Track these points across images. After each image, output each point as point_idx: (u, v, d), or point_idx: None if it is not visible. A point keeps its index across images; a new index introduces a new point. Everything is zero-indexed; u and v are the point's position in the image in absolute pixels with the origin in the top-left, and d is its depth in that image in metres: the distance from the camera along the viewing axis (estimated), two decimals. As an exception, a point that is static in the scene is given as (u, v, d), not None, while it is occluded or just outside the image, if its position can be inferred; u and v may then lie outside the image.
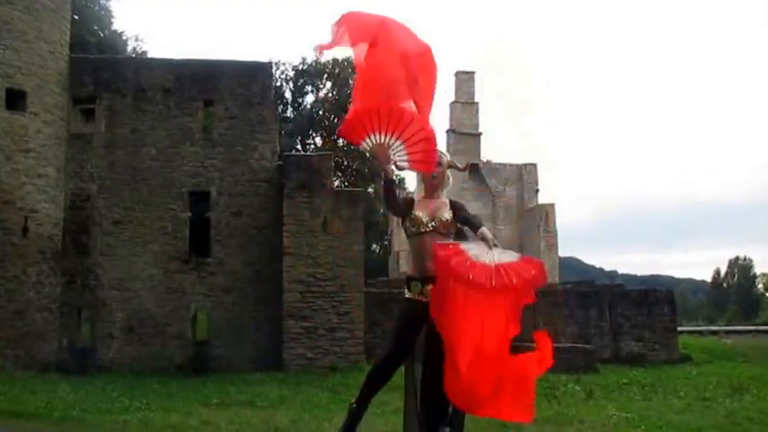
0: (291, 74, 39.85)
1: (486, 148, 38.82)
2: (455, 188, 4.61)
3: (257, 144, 19.41)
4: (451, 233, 4.35)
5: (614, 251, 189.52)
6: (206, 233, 19.00)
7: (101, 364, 17.62)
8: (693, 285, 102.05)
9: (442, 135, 38.81)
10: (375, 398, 4.34)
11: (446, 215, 4.30)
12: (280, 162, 19.37)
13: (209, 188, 19.12)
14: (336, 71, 39.02)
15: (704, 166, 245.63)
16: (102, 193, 18.74)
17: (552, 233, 37.95)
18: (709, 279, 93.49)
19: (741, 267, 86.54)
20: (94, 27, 30.43)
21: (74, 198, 18.62)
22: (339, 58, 39.15)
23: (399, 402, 4.69)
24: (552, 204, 38.78)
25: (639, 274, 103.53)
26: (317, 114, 38.88)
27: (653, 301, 22.50)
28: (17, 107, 17.25)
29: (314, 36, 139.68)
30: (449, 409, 4.24)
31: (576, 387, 14.41)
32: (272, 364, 17.29)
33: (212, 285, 18.73)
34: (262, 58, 25.05)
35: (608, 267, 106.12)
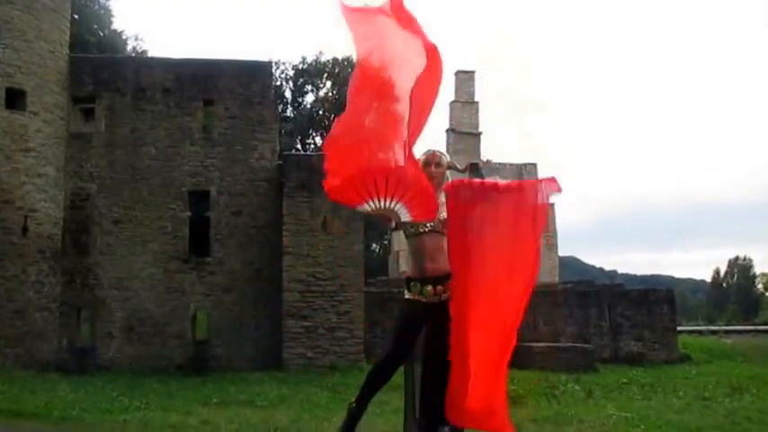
0: (291, 73, 39.84)
1: (486, 148, 38.79)
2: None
3: (257, 143, 19.41)
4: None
5: (614, 251, 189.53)
6: (206, 233, 19.00)
7: (100, 363, 17.62)
8: (693, 285, 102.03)
9: (442, 134, 38.79)
10: (375, 398, 4.34)
11: (444, 215, 4.30)
12: (280, 161, 19.37)
13: (208, 187, 19.12)
14: (336, 70, 39.00)
15: (704, 166, 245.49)
16: (102, 192, 18.74)
17: (552, 233, 37.96)
18: (708, 279, 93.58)
19: (741, 267, 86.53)
20: (94, 26, 30.42)
21: (73, 197, 18.62)
22: (339, 57, 39.17)
23: (399, 402, 4.69)
24: (552, 204, 38.79)
25: (639, 273, 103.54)
26: (316, 114, 38.87)
27: (653, 301, 22.51)
28: (17, 106, 17.25)
29: (313, 36, 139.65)
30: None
31: (576, 387, 14.41)
32: (271, 364, 17.30)
33: (212, 285, 18.74)
34: (262, 57, 25.09)
35: (608, 267, 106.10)
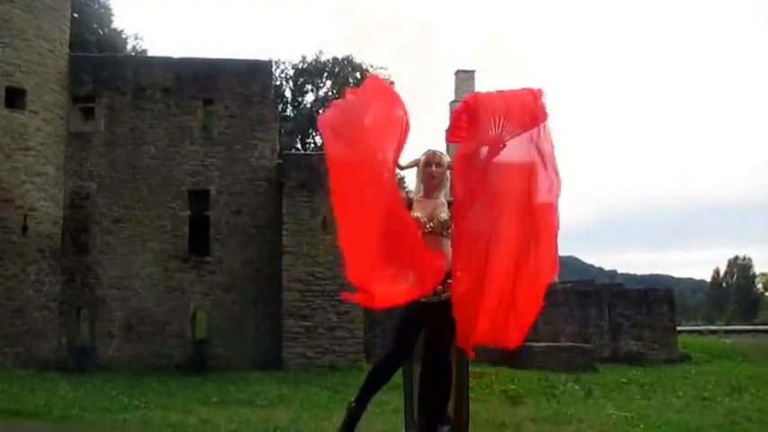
0: (291, 73, 39.76)
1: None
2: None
3: (257, 143, 19.40)
4: (449, 233, 4.35)
5: (614, 251, 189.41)
6: (205, 232, 19.00)
7: (100, 362, 17.63)
8: (693, 285, 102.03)
9: (442, 134, 38.77)
10: (374, 398, 4.34)
11: (444, 215, 4.30)
12: (279, 161, 19.36)
13: (208, 187, 19.11)
14: (336, 70, 38.97)
15: (704, 166, 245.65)
16: (102, 191, 18.74)
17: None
18: (708, 279, 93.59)
19: (740, 267, 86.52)
20: (94, 25, 30.38)
21: (73, 196, 18.62)
22: (339, 57, 39.14)
23: (398, 402, 4.69)
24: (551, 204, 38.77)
25: (639, 273, 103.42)
26: (316, 113, 38.76)
27: (652, 301, 22.52)
28: (17, 105, 17.25)
29: (313, 35, 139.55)
30: (447, 409, 4.25)
31: (576, 386, 14.43)
32: (271, 363, 17.30)
33: (212, 284, 18.73)
34: (261, 56, 25.04)
35: (607, 267, 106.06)
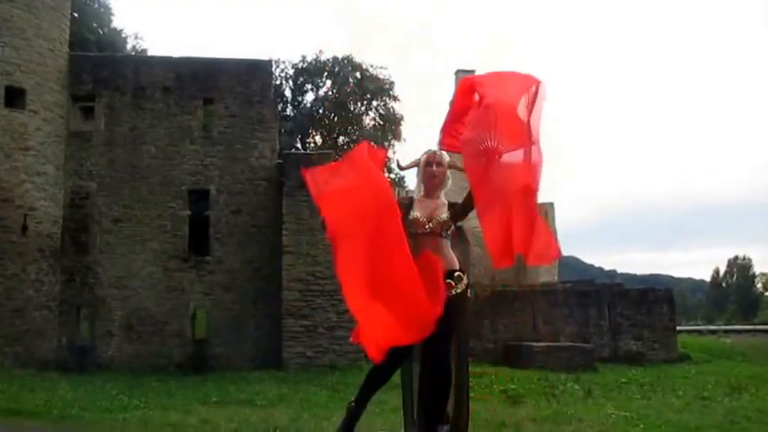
0: (291, 72, 39.71)
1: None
2: (455, 187, 4.54)
3: (257, 142, 19.40)
4: (449, 234, 4.35)
5: (614, 250, 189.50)
6: (205, 231, 18.99)
7: (100, 362, 17.63)
8: (692, 285, 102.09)
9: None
10: (374, 397, 4.34)
11: (443, 216, 4.30)
12: (279, 160, 19.36)
13: (208, 186, 19.11)
14: (336, 69, 38.93)
15: (704, 166, 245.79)
16: (102, 191, 18.73)
17: (551, 232, 37.91)
18: (708, 278, 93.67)
19: (740, 267, 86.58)
20: (94, 25, 30.38)
21: (73, 196, 18.61)
22: (339, 56, 39.08)
23: (398, 401, 4.68)
24: (551, 203, 38.79)
25: (639, 273, 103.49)
26: (316, 113, 38.78)
27: (652, 301, 22.52)
28: (16, 105, 17.24)
29: (313, 34, 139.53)
30: (447, 409, 4.25)
31: (575, 386, 14.43)
32: (271, 363, 17.30)
33: (212, 284, 18.73)
34: (261, 56, 25.04)
35: (607, 266, 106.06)
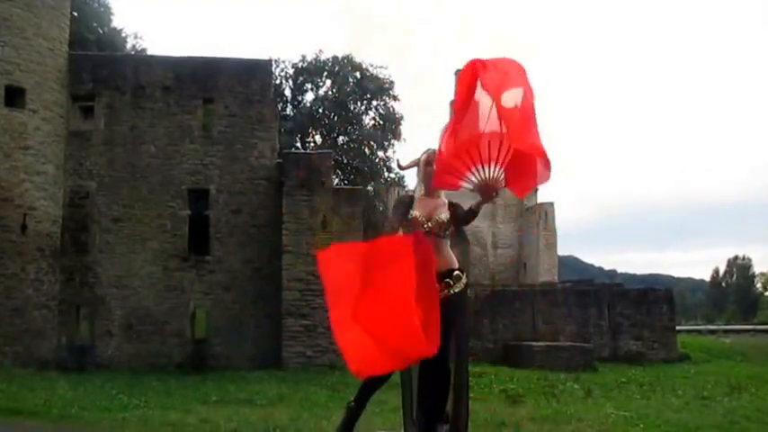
0: (291, 72, 39.67)
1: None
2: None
3: (257, 142, 19.39)
4: (447, 234, 4.34)
5: (613, 250, 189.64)
6: (205, 231, 18.98)
7: (99, 361, 17.62)
8: (692, 284, 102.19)
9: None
10: (373, 396, 4.34)
11: (443, 216, 4.29)
12: (279, 160, 19.36)
13: (208, 186, 19.10)
14: (336, 69, 38.91)
15: (704, 166, 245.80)
16: (102, 190, 18.72)
17: (551, 232, 37.99)
18: (708, 278, 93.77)
19: (740, 267, 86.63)
20: (94, 24, 30.36)
21: (73, 195, 18.60)
22: (339, 56, 39.06)
23: (397, 401, 4.68)
24: (551, 203, 38.83)
25: (638, 273, 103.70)
26: (316, 112, 38.74)
27: (652, 301, 22.53)
28: (16, 104, 17.23)
29: (313, 34, 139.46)
30: (446, 408, 4.25)
31: (575, 385, 14.44)
32: (271, 362, 17.30)
33: (211, 283, 18.72)
34: (261, 55, 25.01)
35: (607, 266, 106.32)
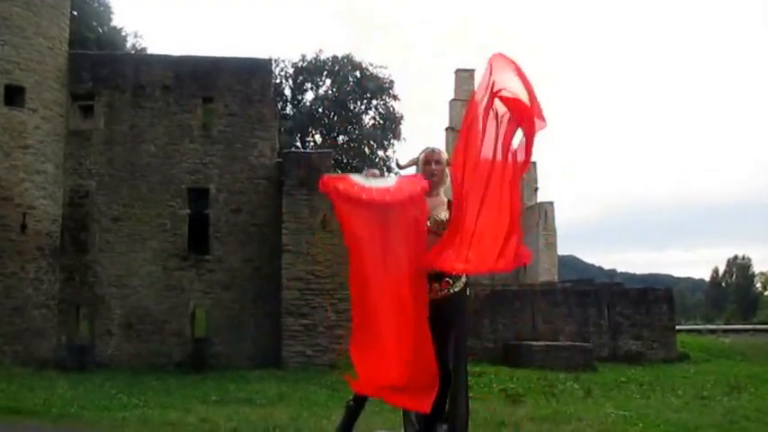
0: (291, 71, 39.71)
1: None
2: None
3: (257, 141, 19.38)
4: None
5: (613, 250, 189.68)
6: (205, 230, 18.98)
7: (99, 360, 17.61)
8: (692, 284, 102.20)
9: (441, 133, 38.78)
10: (373, 396, 4.33)
11: (442, 215, 4.27)
12: (279, 159, 19.35)
13: (208, 185, 19.09)
14: (336, 68, 38.92)
15: (704, 166, 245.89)
16: (101, 189, 18.71)
17: (551, 232, 37.95)
18: (707, 278, 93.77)
19: (740, 266, 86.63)
20: (94, 23, 30.36)
21: (72, 194, 18.59)
22: (339, 55, 39.08)
23: (397, 400, 4.67)
24: (551, 203, 38.79)
25: (638, 272, 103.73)
26: (316, 112, 38.78)
27: (652, 300, 22.50)
28: (16, 103, 17.22)
29: (313, 34, 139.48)
30: (446, 407, 4.25)
31: (575, 385, 14.43)
32: (270, 362, 17.29)
33: (211, 282, 18.72)
34: (261, 55, 24.92)
35: (607, 266, 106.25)
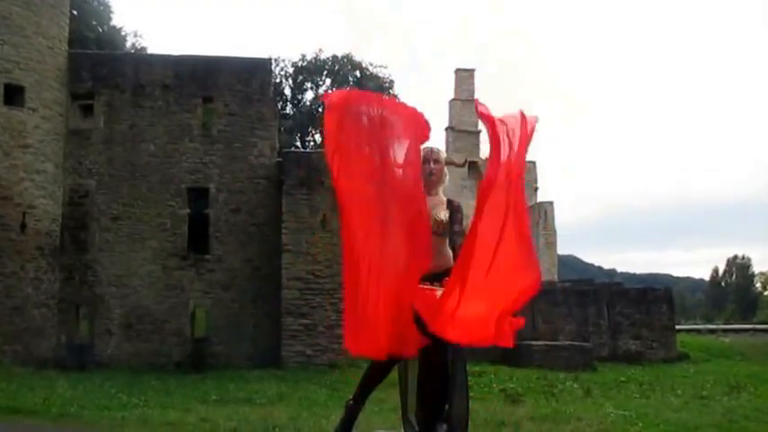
0: (291, 70, 39.74)
1: (486, 146, 38.72)
2: (454, 185, 4.48)
3: (256, 141, 19.39)
4: (446, 233, 4.31)
5: (613, 250, 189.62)
6: (205, 230, 18.98)
7: (99, 360, 17.62)
8: (692, 284, 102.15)
9: (441, 133, 38.77)
10: (373, 395, 4.34)
11: (441, 215, 4.25)
12: (279, 159, 19.35)
13: (208, 185, 19.10)
14: (336, 68, 38.95)
15: (704, 165, 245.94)
16: (101, 189, 18.71)
17: (551, 231, 37.99)
18: (707, 278, 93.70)
19: (739, 266, 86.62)
20: (93, 23, 30.36)
21: (72, 194, 18.59)
22: (339, 55, 39.11)
23: (397, 399, 4.68)
24: (551, 202, 38.84)
25: (638, 272, 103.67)
26: (316, 111, 38.76)
27: (651, 300, 22.53)
28: (15, 102, 17.22)
29: (313, 33, 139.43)
30: (446, 407, 4.24)
31: (574, 385, 14.46)
32: (270, 362, 17.30)
33: (211, 282, 18.72)
34: (261, 54, 24.94)
35: (607, 266, 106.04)
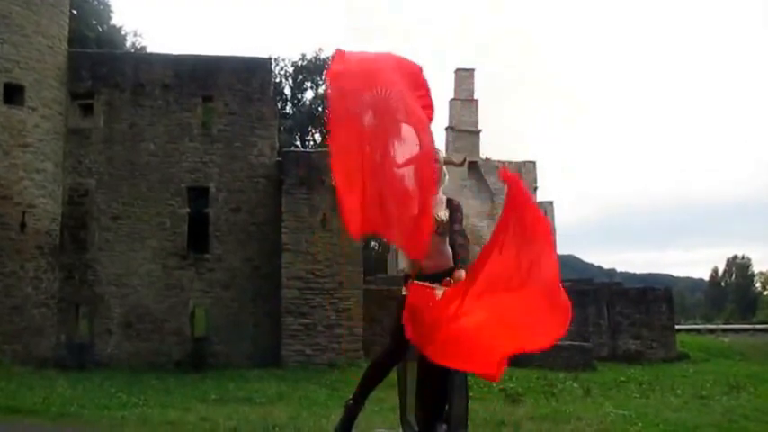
0: (291, 70, 39.74)
1: (486, 146, 38.72)
2: (454, 185, 4.47)
3: (256, 140, 19.38)
4: (446, 232, 4.31)
5: (613, 249, 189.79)
6: (205, 229, 18.99)
7: (99, 359, 17.62)
8: (691, 284, 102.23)
9: (441, 132, 38.73)
10: (372, 395, 4.34)
11: (441, 214, 4.25)
12: (279, 158, 19.35)
13: (207, 184, 19.10)
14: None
15: (704, 165, 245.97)
16: (101, 188, 18.71)
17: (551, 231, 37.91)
18: (707, 278, 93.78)
19: (739, 266, 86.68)
20: (93, 22, 30.36)
21: (72, 193, 18.59)
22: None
23: (396, 399, 4.68)
24: (551, 202, 38.82)
25: (638, 272, 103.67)
26: (316, 111, 38.78)
27: (651, 300, 22.55)
28: (15, 102, 17.22)
29: (313, 33, 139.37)
30: (445, 407, 4.24)
31: (574, 384, 14.46)
32: (270, 361, 17.30)
33: (211, 281, 18.72)
34: (261, 54, 24.92)
35: (606, 265, 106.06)
